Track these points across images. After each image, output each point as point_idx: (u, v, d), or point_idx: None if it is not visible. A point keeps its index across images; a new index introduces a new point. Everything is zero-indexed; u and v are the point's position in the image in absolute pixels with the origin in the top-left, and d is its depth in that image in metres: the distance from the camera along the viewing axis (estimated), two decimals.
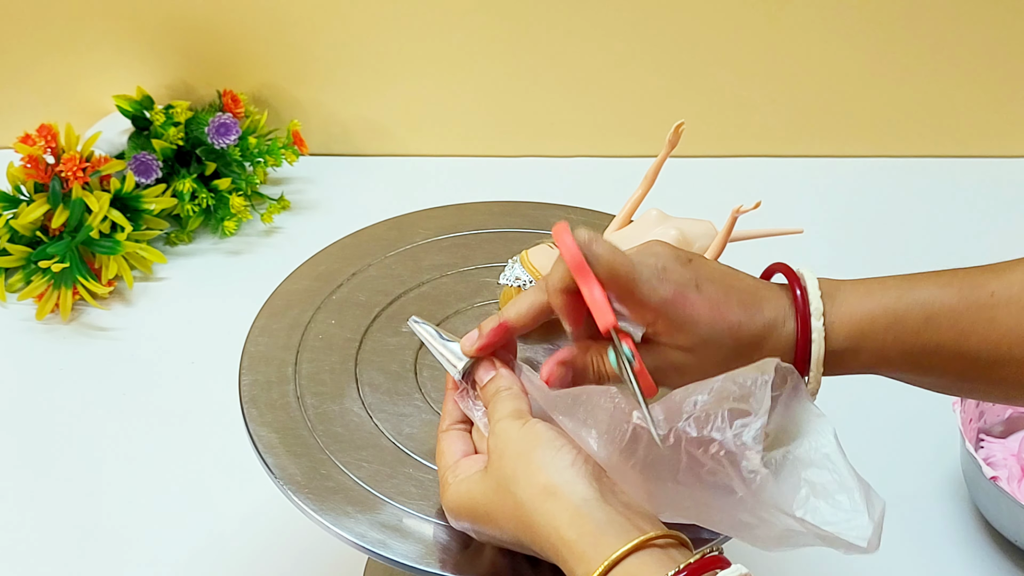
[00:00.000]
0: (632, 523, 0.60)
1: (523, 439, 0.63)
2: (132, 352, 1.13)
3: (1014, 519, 0.94)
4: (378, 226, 0.92)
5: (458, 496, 0.65)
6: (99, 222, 1.15)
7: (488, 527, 0.64)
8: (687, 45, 1.34)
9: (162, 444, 1.04)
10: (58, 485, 1.00)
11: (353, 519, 0.69)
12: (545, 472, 0.61)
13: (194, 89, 1.33)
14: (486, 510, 0.64)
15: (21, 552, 0.95)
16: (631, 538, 0.58)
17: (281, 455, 0.73)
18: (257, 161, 1.28)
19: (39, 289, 1.14)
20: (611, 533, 0.59)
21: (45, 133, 1.17)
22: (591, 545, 0.59)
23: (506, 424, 0.64)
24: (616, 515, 0.60)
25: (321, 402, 0.77)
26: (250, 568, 0.94)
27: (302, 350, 0.81)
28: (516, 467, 0.62)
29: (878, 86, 1.36)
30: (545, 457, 0.62)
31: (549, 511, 0.60)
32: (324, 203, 1.32)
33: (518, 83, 1.36)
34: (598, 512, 0.60)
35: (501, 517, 0.63)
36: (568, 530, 0.60)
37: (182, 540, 0.96)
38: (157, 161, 1.23)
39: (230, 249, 1.25)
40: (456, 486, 0.66)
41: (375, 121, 1.38)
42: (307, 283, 0.86)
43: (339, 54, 1.33)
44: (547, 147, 1.40)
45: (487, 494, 0.64)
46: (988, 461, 1.00)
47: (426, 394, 0.78)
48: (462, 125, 1.39)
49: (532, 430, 0.64)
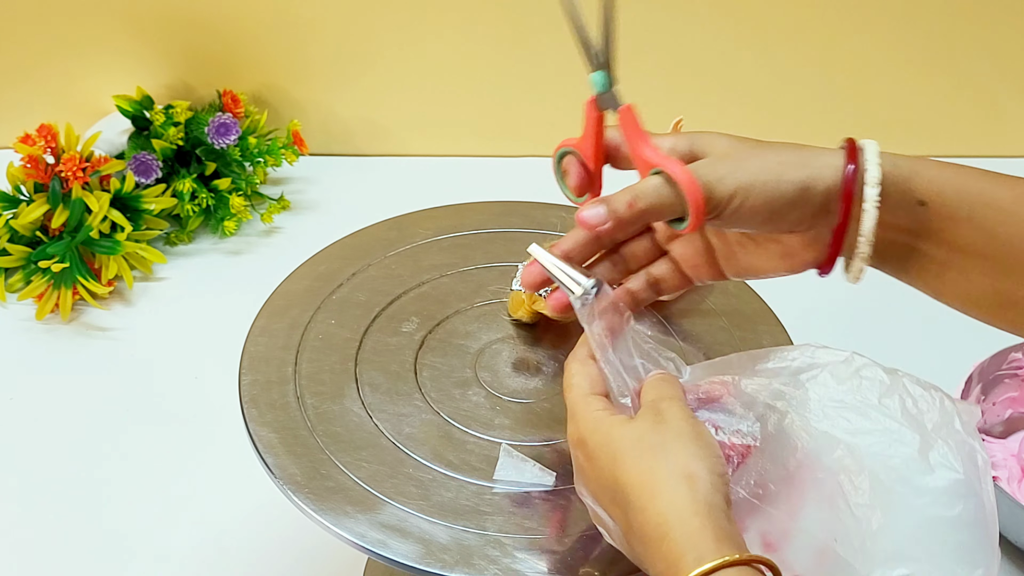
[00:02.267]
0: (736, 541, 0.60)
1: (692, 423, 0.63)
2: (132, 352, 1.13)
3: (1014, 519, 0.94)
4: (378, 226, 0.92)
5: (595, 425, 0.64)
6: (99, 222, 1.15)
7: (598, 467, 0.63)
8: (686, 44, 1.34)
9: (162, 444, 1.04)
10: (58, 485, 1.00)
11: (353, 519, 0.69)
12: (697, 463, 0.61)
13: (194, 89, 1.33)
14: (616, 453, 0.63)
15: (21, 552, 0.95)
16: (746, 553, 0.58)
17: (281, 455, 0.73)
18: (257, 161, 1.28)
19: (39, 289, 1.14)
20: (729, 543, 0.59)
21: (45, 133, 1.17)
22: (712, 540, 0.58)
23: (678, 404, 0.64)
24: (736, 535, 0.60)
25: (321, 402, 0.77)
26: (250, 568, 0.94)
27: (302, 350, 0.81)
28: (674, 441, 0.62)
29: (878, 85, 1.36)
30: (703, 452, 0.62)
31: (683, 493, 0.60)
32: (324, 203, 1.32)
33: (518, 83, 1.36)
34: (724, 520, 0.60)
35: (624, 468, 0.62)
36: (694, 518, 0.59)
37: (182, 540, 0.96)
38: (157, 161, 1.23)
39: (230, 249, 1.25)
40: (593, 415, 0.64)
41: (375, 121, 1.38)
42: (307, 283, 0.86)
43: (339, 54, 1.33)
44: (547, 147, 1.39)
45: (626, 440, 0.62)
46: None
47: (426, 394, 0.78)
48: (462, 125, 1.39)
49: (701, 425, 0.64)
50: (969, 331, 1.16)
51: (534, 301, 0.81)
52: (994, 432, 1.04)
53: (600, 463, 0.63)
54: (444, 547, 0.68)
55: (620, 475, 0.62)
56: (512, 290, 0.83)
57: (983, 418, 1.03)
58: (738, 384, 0.68)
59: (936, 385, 0.68)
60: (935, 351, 1.15)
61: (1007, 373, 1.03)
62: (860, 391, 0.67)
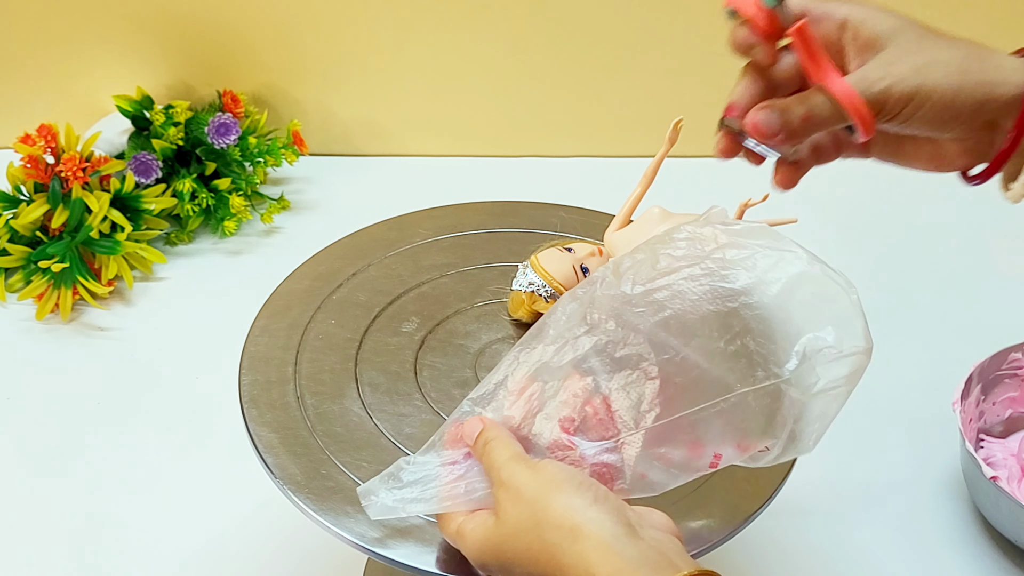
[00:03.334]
0: (665, 559, 0.58)
1: (537, 481, 0.62)
2: (132, 352, 1.13)
3: (1014, 519, 0.94)
4: (378, 226, 0.92)
5: (480, 545, 0.63)
6: (99, 222, 1.15)
7: (517, 569, 0.62)
8: (686, 44, 1.34)
9: (162, 444, 1.04)
10: (58, 485, 1.00)
11: (353, 519, 0.69)
12: (569, 514, 0.60)
13: (194, 89, 1.33)
14: (512, 556, 0.62)
15: (21, 552, 0.95)
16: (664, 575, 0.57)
17: (281, 455, 0.73)
18: (257, 161, 1.28)
19: (39, 289, 1.14)
20: (644, 570, 0.57)
21: (45, 133, 1.17)
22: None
23: (512, 468, 0.63)
24: (648, 550, 0.58)
25: (321, 402, 0.77)
26: (250, 568, 0.94)
27: (302, 350, 0.81)
28: (535, 512, 0.61)
29: None
30: (565, 498, 0.60)
31: (579, 552, 0.58)
32: (324, 203, 1.32)
33: (517, 83, 1.36)
34: (629, 548, 0.58)
35: (527, 561, 0.61)
36: (600, 568, 0.58)
37: (182, 540, 0.96)
38: (157, 161, 1.23)
39: (230, 249, 1.25)
40: (473, 535, 0.63)
41: (375, 121, 1.38)
42: (307, 283, 0.86)
43: (339, 54, 1.33)
44: (547, 147, 1.40)
45: (508, 541, 0.62)
46: (988, 461, 1.00)
47: (426, 394, 0.78)
48: (462, 125, 1.39)
49: (544, 471, 0.62)
50: (969, 331, 1.16)
51: (534, 301, 0.81)
52: (994, 432, 1.04)
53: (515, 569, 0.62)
54: (444, 547, 0.68)
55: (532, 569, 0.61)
56: (512, 290, 0.83)
57: (983, 418, 1.03)
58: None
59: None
60: (935, 351, 1.15)
61: (1007, 373, 1.03)
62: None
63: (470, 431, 0.66)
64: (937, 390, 1.06)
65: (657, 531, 0.61)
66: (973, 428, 1.01)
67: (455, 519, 0.65)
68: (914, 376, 1.12)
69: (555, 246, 0.83)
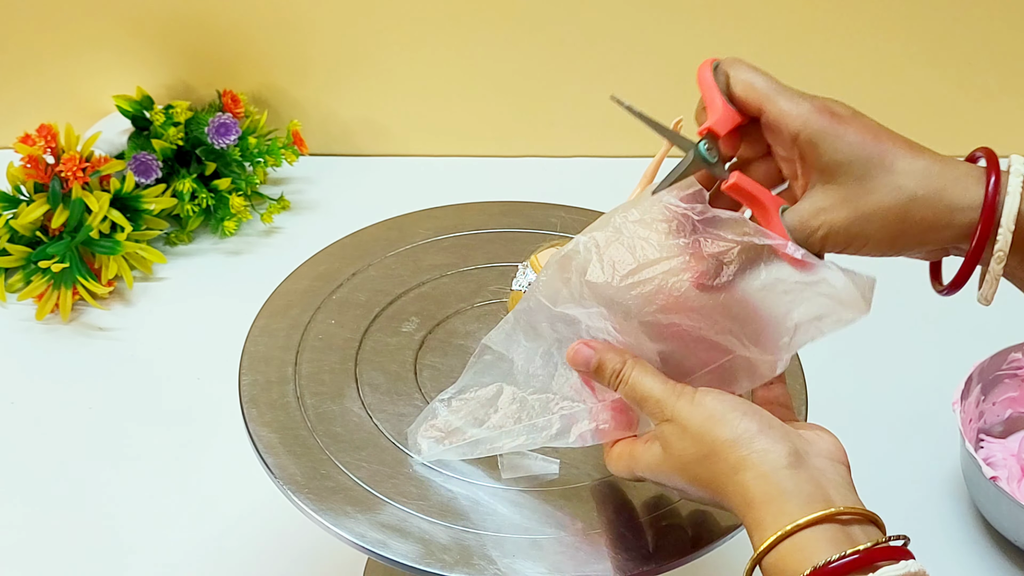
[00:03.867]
0: (821, 491, 0.59)
1: (700, 416, 0.62)
2: (132, 352, 1.13)
3: (1014, 519, 0.93)
4: (378, 226, 0.92)
5: (653, 471, 0.65)
6: (99, 222, 1.15)
7: (690, 490, 0.64)
8: (686, 45, 1.33)
9: (162, 444, 1.04)
10: (58, 485, 1.00)
11: (353, 519, 0.69)
12: (736, 448, 0.60)
13: (194, 89, 1.33)
14: (681, 483, 0.63)
15: (21, 552, 0.95)
16: (813, 510, 0.57)
17: (281, 455, 0.73)
18: (257, 161, 1.28)
19: (39, 289, 1.14)
20: (794, 502, 0.58)
21: (45, 133, 1.17)
22: (773, 512, 0.58)
23: (674, 404, 0.63)
24: (806, 482, 0.59)
25: (321, 402, 0.77)
26: (250, 568, 0.94)
27: (302, 350, 0.81)
28: (701, 447, 0.61)
29: (877, 84, 1.36)
30: (730, 431, 0.61)
31: (739, 481, 0.59)
32: (324, 203, 1.32)
33: (518, 83, 1.35)
34: (787, 480, 0.58)
35: (698, 487, 0.62)
36: (756, 497, 0.59)
37: (182, 540, 0.96)
38: (157, 161, 1.23)
39: (230, 249, 1.25)
40: (643, 461, 0.65)
41: (375, 121, 1.38)
42: (307, 283, 0.86)
43: (339, 54, 1.33)
44: (547, 147, 1.39)
45: (677, 471, 0.63)
46: (988, 461, 1.00)
47: (426, 394, 0.78)
48: (462, 125, 1.39)
49: (703, 406, 0.63)
50: (969, 331, 1.16)
51: None
52: (994, 432, 1.04)
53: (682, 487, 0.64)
54: (444, 547, 0.68)
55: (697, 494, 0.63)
56: (512, 290, 0.83)
57: (983, 418, 1.03)
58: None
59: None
60: (935, 351, 1.15)
61: (1007, 373, 1.03)
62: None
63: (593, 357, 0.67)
64: (937, 390, 1.06)
65: (824, 459, 0.61)
66: (973, 428, 1.01)
67: (624, 444, 0.67)
68: (914, 376, 1.12)
69: (555, 246, 0.82)
